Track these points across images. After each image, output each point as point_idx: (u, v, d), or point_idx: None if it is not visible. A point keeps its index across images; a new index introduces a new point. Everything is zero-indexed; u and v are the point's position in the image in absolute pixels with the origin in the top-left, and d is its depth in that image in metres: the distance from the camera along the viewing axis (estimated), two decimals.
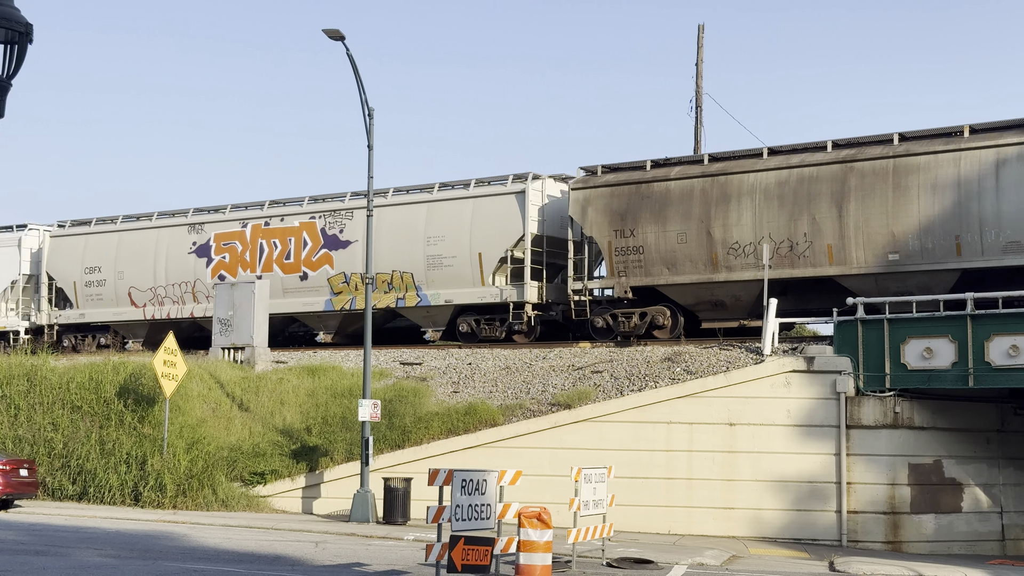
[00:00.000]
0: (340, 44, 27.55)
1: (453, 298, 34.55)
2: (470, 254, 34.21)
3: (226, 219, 39.45)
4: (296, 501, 29.34)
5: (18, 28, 10.40)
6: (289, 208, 38.44)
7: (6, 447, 30.63)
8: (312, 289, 37.16)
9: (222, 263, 39.14)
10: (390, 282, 35.40)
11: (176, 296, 39.80)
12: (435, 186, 35.53)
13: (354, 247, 36.05)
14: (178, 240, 40.32)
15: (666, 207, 31.18)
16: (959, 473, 26.72)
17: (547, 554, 17.28)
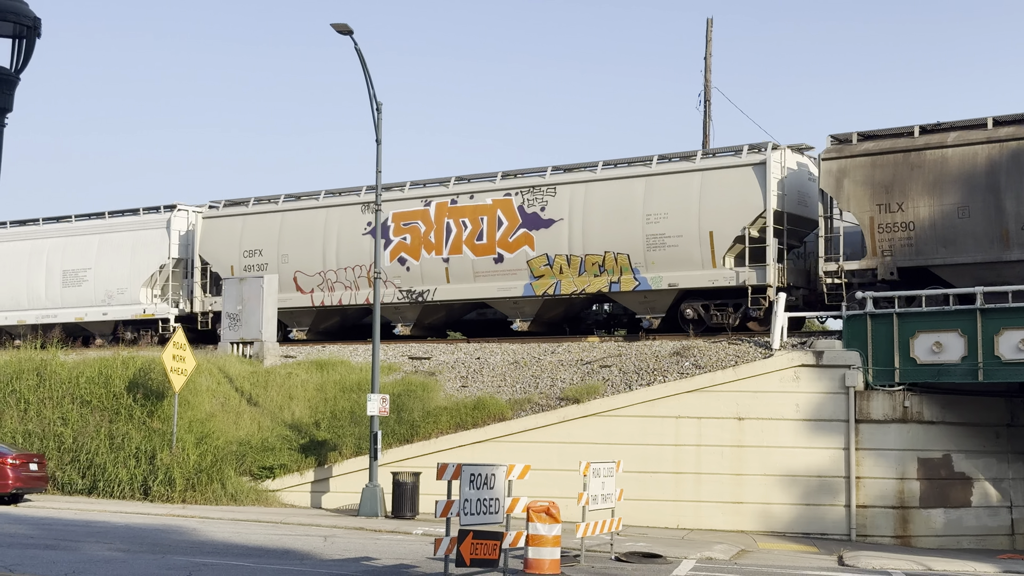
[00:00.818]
0: (357, 41, 27.56)
1: (678, 281, 31.17)
2: (699, 232, 30.81)
3: (405, 197, 35.95)
4: (305, 495, 29.38)
5: (26, 22, 10.42)
6: (479, 184, 35.06)
7: (16, 442, 30.70)
8: (508, 272, 33.89)
9: (402, 245, 35.71)
10: (602, 264, 32.25)
11: (348, 281, 36.40)
12: (653, 159, 32.21)
13: (558, 226, 33.04)
14: (350, 220, 36.70)
15: (943, 177, 27.99)
16: (968, 467, 26.66)
17: (555, 548, 17.30)
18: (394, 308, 35.63)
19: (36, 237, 42.94)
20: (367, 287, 35.74)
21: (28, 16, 10.43)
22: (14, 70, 10.50)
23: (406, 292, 35.37)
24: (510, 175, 34.79)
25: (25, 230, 43.67)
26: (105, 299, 40.67)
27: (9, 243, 43.71)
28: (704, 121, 42.36)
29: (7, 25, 10.35)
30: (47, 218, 43.42)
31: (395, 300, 35.43)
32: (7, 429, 31.46)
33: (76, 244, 41.69)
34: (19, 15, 10.36)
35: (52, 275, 41.97)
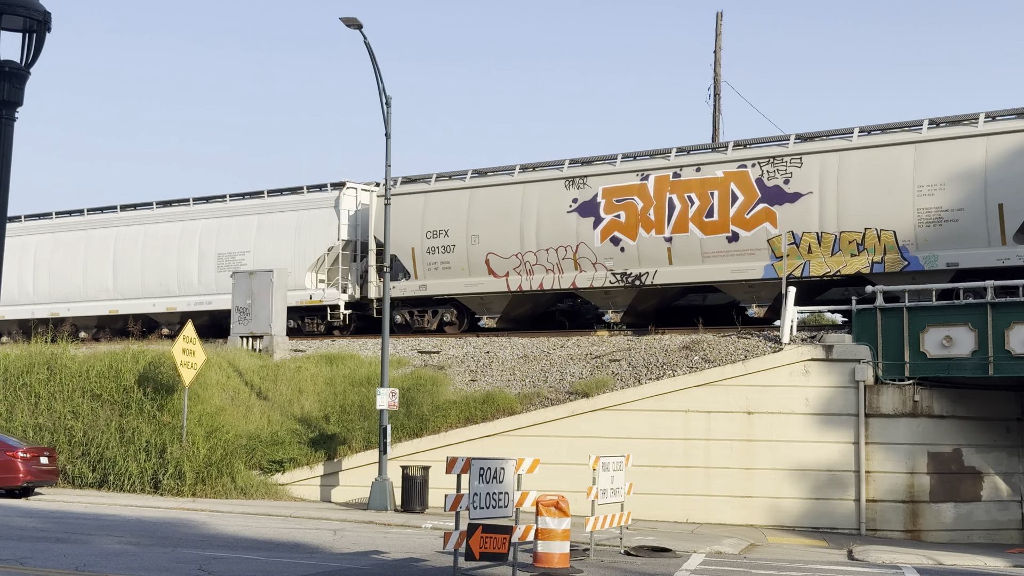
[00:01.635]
0: (371, 38, 27.57)
1: (960, 261, 27.90)
2: (984, 207, 27.56)
3: (617, 171, 32.66)
4: (315, 489, 29.43)
5: (36, 16, 10.44)
6: (707, 156, 32.01)
7: (26, 435, 30.80)
8: (745, 253, 30.59)
9: (615, 223, 32.39)
10: (860, 242, 28.97)
11: (551, 263, 33.30)
12: (923, 123, 28.83)
13: (806, 201, 29.81)
14: (552, 197, 33.48)
15: None
16: (979, 462, 26.61)
17: (565, 542, 17.30)
18: (604, 293, 32.70)
19: (187, 218, 40.37)
20: (572, 270, 32.96)
21: (38, 10, 10.45)
22: (24, 64, 10.52)
23: (620, 275, 32.18)
24: (742, 145, 31.55)
25: (174, 211, 40.96)
26: None
27: (157, 225, 41.17)
28: (714, 115, 42.31)
29: (17, 19, 10.37)
30: (198, 198, 40.76)
31: (606, 284, 32.42)
32: (18, 423, 31.55)
33: (232, 225, 39.30)
34: (29, 9, 10.38)
35: (206, 259, 39.59)
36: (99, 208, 42.78)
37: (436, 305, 36.08)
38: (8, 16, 10.32)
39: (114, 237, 41.99)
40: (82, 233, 42.94)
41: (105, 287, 41.65)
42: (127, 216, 42.18)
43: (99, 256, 42.10)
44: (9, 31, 10.41)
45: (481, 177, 35.34)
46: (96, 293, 41.84)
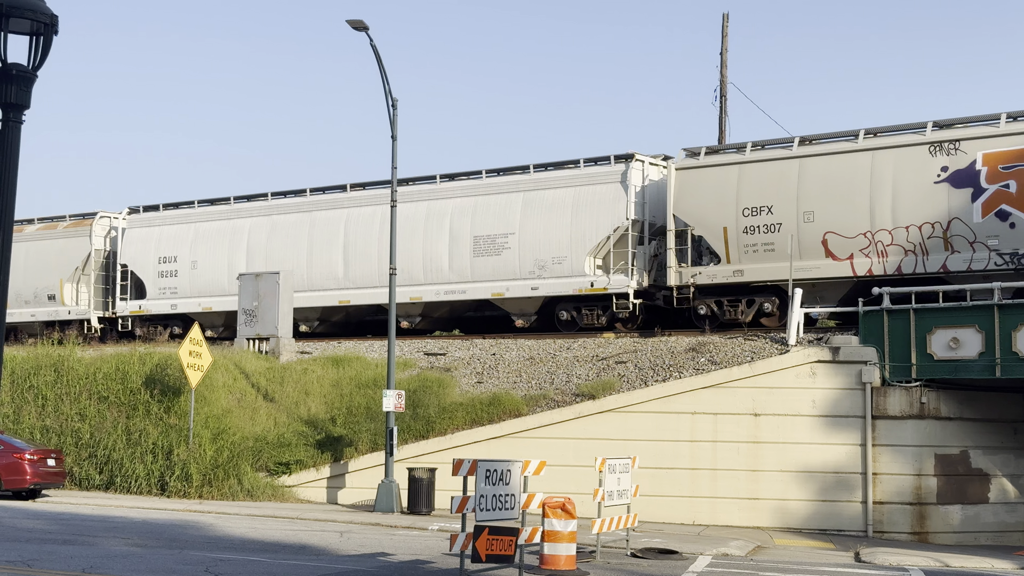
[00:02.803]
0: (378, 39, 27.59)
1: None
2: None
3: (1002, 133, 27.95)
4: (321, 491, 29.44)
5: (43, 19, 10.45)
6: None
7: (34, 437, 30.85)
8: None
9: (1001, 195, 27.56)
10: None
11: (911, 243, 28.52)
12: None
13: None
14: (911, 165, 28.75)
15: None
16: (986, 464, 26.57)
17: (571, 544, 17.30)
18: (983, 277, 27.61)
19: (434, 197, 35.86)
20: (941, 251, 28.23)
21: (45, 13, 10.45)
22: (31, 67, 10.53)
23: (1008, 256, 27.60)
24: None
25: (418, 189, 36.26)
26: (534, 270, 33.54)
27: (401, 205, 34.93)
28: (720, 117, 42.29)
29: (24, 22, 10.38)
30: (444, 175, 36.61)
31: (989, 266, 27.72)
32: (25, 425, 31.61)
33: (491, 204, 34.64)
34: (36, 12, 10.38)
35: (459, 242, 35.04)
36: (321, 188, 38.51)
37: (751, 293, 31.17)
38: (15, 19, 10.33)
39: (344, 219, 37.23)
40: (304, 216, 38.08)
41: (333, 275, 37.08)
42: (358, 196, 37.41)
43: (326, 240, 37.36)
44: (16, 34, 10.42)
45: (812, 145, 30.68)
46: (323, 282, 37.21)
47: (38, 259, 42.75)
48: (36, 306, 42.76)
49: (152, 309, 40.92)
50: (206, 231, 40.15)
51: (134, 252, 41.57)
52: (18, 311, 42.38)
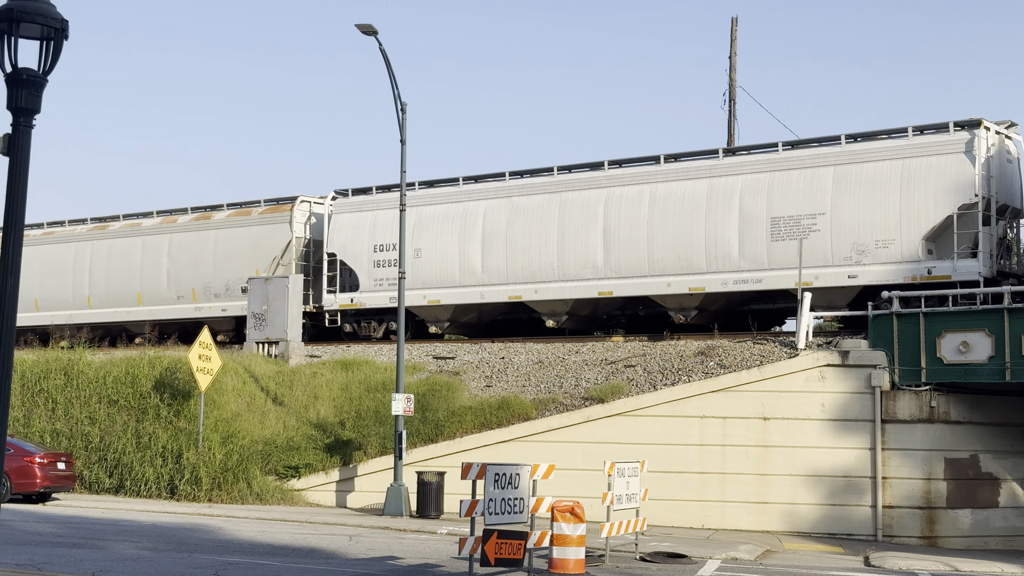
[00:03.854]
0: (387, 43, 27.64)
1: None
2: None
3: None
4: (330, 495, 29.47)
5: (53, 24, 10.50)
6: None
7: (44, 441, 30.92)
8: None
9: None
10: None
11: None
12: None
13: None
14: None
15: None
16: (996, 467, 26.50)
17: (580, 548, 17.29)
18: None
19: (716, 174, 31.63)
20: None
21: (55, 18, 10.51)
22: (41, 72, 10.58)
23: None
24: None
25: (695, 165, 32.30)
26: (851, 256, 29.31)
27: (670, 183, 32.32)
28: (729, 120, 42.24)
29: (35, 27, 10.44)
30: (726, 150, 32.69)
31: None
32: (35, 428, 31.69)
33: (792, 181, 30.49)
34: (46, 17, 10.44)
35: (752, 224, 30.72)
36: (567, 167, 34.39)
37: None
38: (25, 24, 10.39)
39: (603, 200, 33.00)
40: (552, 196, 33.94)
41: (591, 263, 32.84)
42: (621, 174, 33.19)
43: (581, 224, 33.20)
44: (27, 39, 10.48)
45: None
46: (577, 271, 33.04)
47: (230, 248, 39.32)
48: (228, 299, 38.93)
49: (367, 302, 36.57)
50: (431, 216, 35.72)
51: (343, 239, 37.35)
52: (207, 305, 39.52)
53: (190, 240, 40.52)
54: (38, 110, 10.63)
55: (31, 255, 41.96)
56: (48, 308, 43.62)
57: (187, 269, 40.23)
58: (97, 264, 42.74)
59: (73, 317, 42.98)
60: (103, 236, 43.11)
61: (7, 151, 10.55)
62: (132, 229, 42.44)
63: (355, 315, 37.27)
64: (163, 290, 40.77)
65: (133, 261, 41.76)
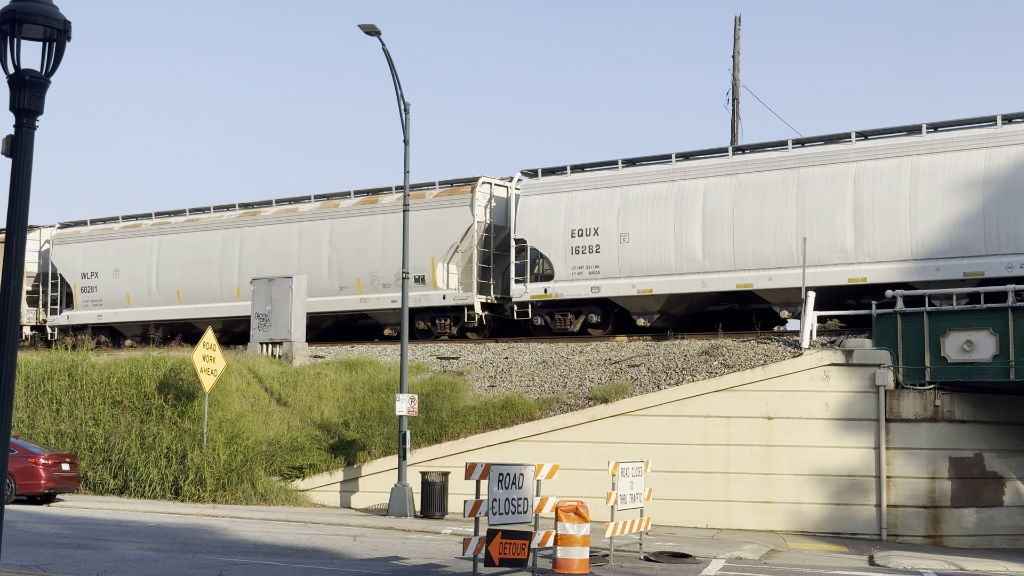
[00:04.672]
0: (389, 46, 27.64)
1: None
2: None
3: None
4: (334, 495, 29.48)
5: (56, 25, 10.51)
6: None
7: (48, 442, 30.95)
8: None
9: None
10: None
11: None
12: None
13: None
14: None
15: None
16: (1001, 466, 26.47)
17: (584, 548, 17.29)
18: None
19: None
20: None
21: (58, 19, 10.52)
22: (44, 73, 10.59)
23: None
24: None
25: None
26: None
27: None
28: (732, 120, 42.27)
29: (37, 28, 10.44)
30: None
31: None
32: (40, 429, 31.72)
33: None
34: (49, 18, 10.45)
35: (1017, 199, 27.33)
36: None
37: None
38: (28, 25, 10.39)
39: (852, 175, 29.61)
40: (778, 174, 30.60)
41: (840, 246, 29.52)
42: (874, 146, 29.62)
43: (827, 204, 29.82)
44: (29, 40, 10.49)
45: None
46: (823, 255, 29.65)
47: (400, 234, 32.99)
48: (398, 290, 33.27)
49: (564, 293, 33.18)
50: (639, 196, 32.34)
51: (534, 224, 33.84)
52: (374, 296, 36.37)
53: (354, 226, 37.32)
54: (41, 111, 10.64)
55: (173, 244, 41.03)
56: (192, 300, 40.82)
57: (351, 257, 37.17)
58: (248, 253, 39.56)
59: (220, 309, 40.06)
60: (254, 223, 39.74)
61: (10, 152, 10.56)
62: (287, 215, 39.07)
63: (548, 307, 33.96)
64: (323, 280, 37.50)
65: (289, 249, 38.49)
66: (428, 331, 35.87)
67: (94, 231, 44.19)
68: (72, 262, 44.20)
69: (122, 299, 42.41)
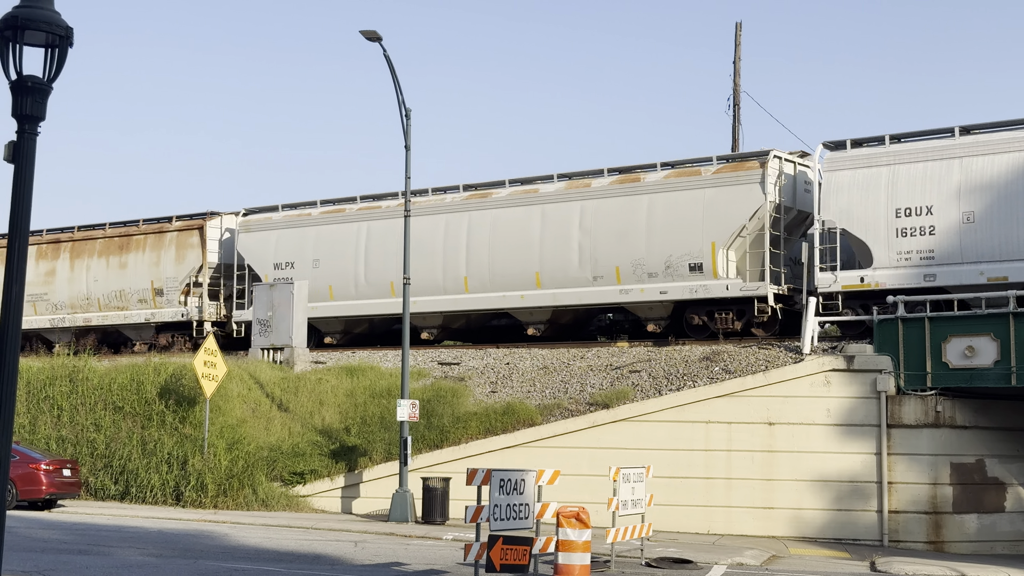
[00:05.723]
0: (389, 49, 27.66)
1: None
2: None
3: None
4: (335, 501, 29.47)
5: (58, 32, 10.53)
6: None
7: (49, 447, 30.96)
8: None
9: None
10: None
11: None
12: None
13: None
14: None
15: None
16: (1002, 472, 26.46)
17: (586, 554, 17.27)
18: None
19: None
20: None
21: (60, 26, 10.54)
22: (46, 79, 10.61)
23: None
24: None
25: None
26: None
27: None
28: (733, 125, 42.27)
29: (39, 35, 10.47)
30: None
31: None
32: (41, 435, 31.73)
33: None
34: (51, 24, 10.47)
35: None
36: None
37: None
38: (30, 32, 10.42)
39: None
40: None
41: None
42: None
43: None
44: (31, 46, 10.51)
45: None
46: None
47: (671, 216, 31.78)
48: (667, 280, 31.43)
49: (886, 282, 28.79)
50: (984, 168, 27.87)
51: (845, 203, 29.47)
52: (636, 287, 32.03)
53: (611, 207, 32.84)
54: (43, 117, 10.66)
55: (384, 230, 36.49)
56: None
57: (608, 243, 32.64)
58: (477, 239, 34.95)
59: (442, 303, 35.45)
60: (484, 205, 35.14)
61: (12, 158, 10.57)
62: (526, 196, 34.54)
63: (861, 297, 29.65)
64: (572, 269, 33.12)
65: (529, 234, 33.88)
66: (703, 326, 31.50)
67: (288, 217, 39.23)
68: (262, 251, 39.41)
69: (323, 292, 37.52)
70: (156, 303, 41.20)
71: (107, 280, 42.42)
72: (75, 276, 43.39)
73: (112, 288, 42.21)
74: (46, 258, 44.14)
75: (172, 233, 41.33)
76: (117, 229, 43.02)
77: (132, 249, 42.15)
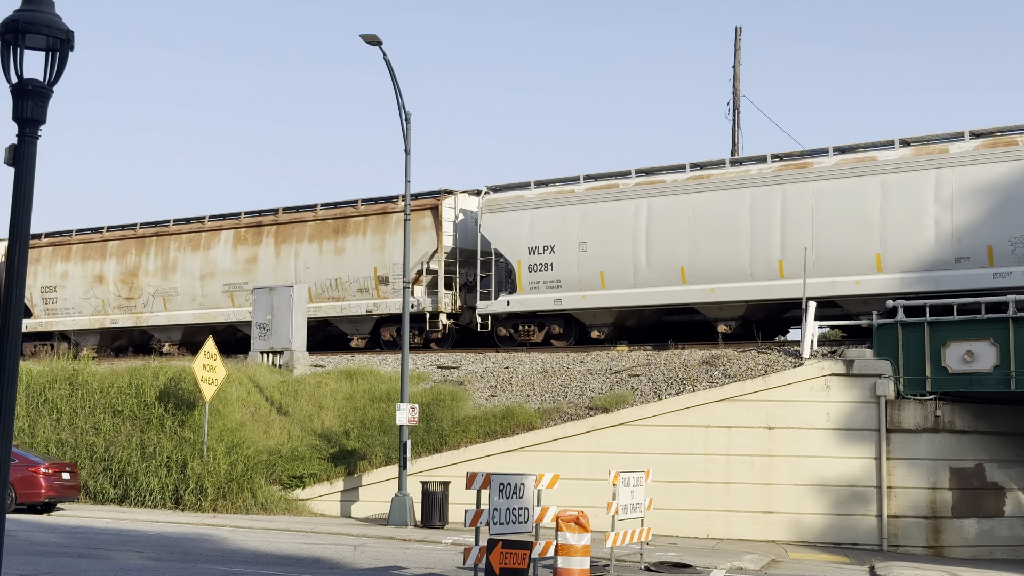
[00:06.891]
0: (390, 54, 27.67)
1: None
2: None
3: None
4: (335, 504, 29.45)
5: (59, 35, 10.52)
6: None
7: (49, 451, 30.94)
8: None
9: None
10: None
11: None
12: None
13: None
14: None
15: None
16: (1001, 477, 26.46)
17: (585, 558, 17.26)
18: None
19: None
20: None
21: (61, 29, 10.53)
22: (47, 83, 10.60)
23: None
24: None
25: None
26: None
27: None
28: (733, 130, 42.30)
29: (40, 38, 10.46)
30: None
31: None
32: (40, 438, 31.71)
33: None
34: (52, 28, 10.46)
35: None
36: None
37: None
38: (31, 35, 10.41)
39: None
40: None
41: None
42: None
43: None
44: (32, 50, 10.50)
45: None
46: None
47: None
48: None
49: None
50: None
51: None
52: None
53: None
54: (44, 121, 10.64)
55: (669, 208, 31.90)
56: (702, 280, 31.19)
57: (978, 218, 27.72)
58: (795, 216, 29.95)
59: (748, 291, 30.59)
60: (802, 177, 29.99)
61: (12, 162, 10.56)
62: (860, 165, 29.16)
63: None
64: (929, 251, 28.06)
65: (866, 210, 28.85)
66: None
67: (545, 195, 34.35)
68: (513, 234, 34.55)
69: (592, 279, 32.96)
70: (380, 292, 36.82)
71: (320, 267, 37.91)
72: (281, 263, 38.81)
73: (326, 276, 37.78)
74: (245, 243, 39.80)
75: (398, 215, 35.98)
76: (330, 211, 38.32)
77: (350, 233, 37.53)
